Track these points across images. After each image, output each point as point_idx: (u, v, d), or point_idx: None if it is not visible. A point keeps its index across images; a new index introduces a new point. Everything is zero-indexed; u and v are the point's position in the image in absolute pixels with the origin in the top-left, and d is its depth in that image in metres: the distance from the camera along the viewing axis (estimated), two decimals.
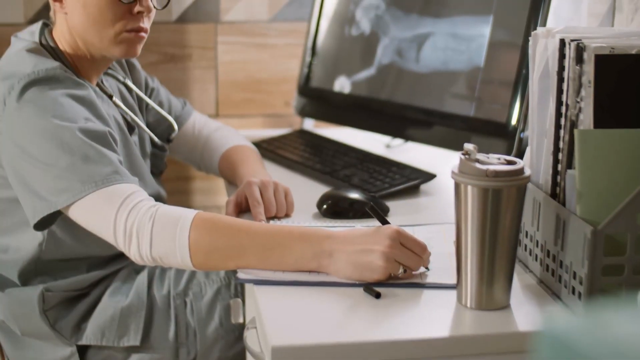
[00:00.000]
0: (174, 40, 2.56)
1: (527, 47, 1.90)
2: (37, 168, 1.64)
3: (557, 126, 1.48)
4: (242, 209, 1.84)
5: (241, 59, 2.60)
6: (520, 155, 1.94)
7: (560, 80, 1.46)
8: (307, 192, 1.95)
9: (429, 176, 2.00)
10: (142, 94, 2.01)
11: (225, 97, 2.61)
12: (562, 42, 1.45)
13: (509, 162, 1.39)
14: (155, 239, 1.57)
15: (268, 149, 2.25)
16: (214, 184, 2.58)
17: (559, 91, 1.47)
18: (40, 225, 1.67)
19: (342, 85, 2.34)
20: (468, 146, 1.38)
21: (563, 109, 1.46)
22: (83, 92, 1.70)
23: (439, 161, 2.17)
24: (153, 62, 2.55)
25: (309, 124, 2.49)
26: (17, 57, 1.75)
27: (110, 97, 1.87)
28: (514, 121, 1.94)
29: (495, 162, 1.39)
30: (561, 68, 1.46)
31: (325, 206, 1.82)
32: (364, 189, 1.92)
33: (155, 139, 2.00)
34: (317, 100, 2.41)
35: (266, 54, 2.61)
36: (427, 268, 1.53)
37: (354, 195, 1.83)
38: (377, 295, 1.45)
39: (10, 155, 1.68)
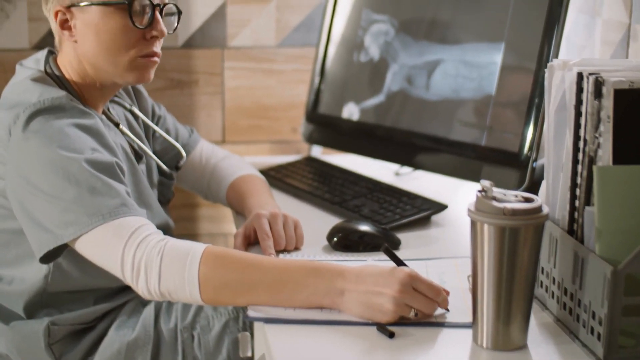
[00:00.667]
0: (181, 66, 2.53)
1: (540, 75, 1.89)
2: (43, 200, 1.61)
3: (575, 161, 1.45)
4: (251, 241, 1.81)
5: (248, 84, 2.57)
6: (533, 184, 1.92)
7: (578, 114, 1.43)
8: (316, 223, 1.92)
9: (440, 207, 1.97)
10: (149, 121, 1.99)
11: (232, 123, 2.59)
12: (580, 76, 1.42)
13: (527, 200, 1.36)
14: (164, 273, 1.54)
15: (276, 177, 2.22)
16: (221, 211, 2.55)
17: (577, 125, 1.44)
18: (46, 259, 1.64)
19: (351, 112, 2.31)
20: (485, 183, 1.35)
21: (581, 143, 1.43)
22: (89, 121, 1.68)
23: (448, 190, 2.14)
24: (159, 88, 2.53)
25: (317, 151, 2.46)
26: (22, 85, 1.72)
27: (117, 125, 1.85)
28: (526, 151, 1.91)
29: (512, 199, 1.35)
30: (579, 102, 1.43)
31: (335, 239, 1.79)
32: (374, 221, 1.89)
33: (164, 166, 1.97)
34: (325, 127, 2.38)
35: (273, 79, 2.58)
36: (447, 309, 1.49)
37: (365, 227, 1.80)
38: (391, 335, 1.42)
39: (15, 187, 1.66)
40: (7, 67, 1.81)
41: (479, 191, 1.36)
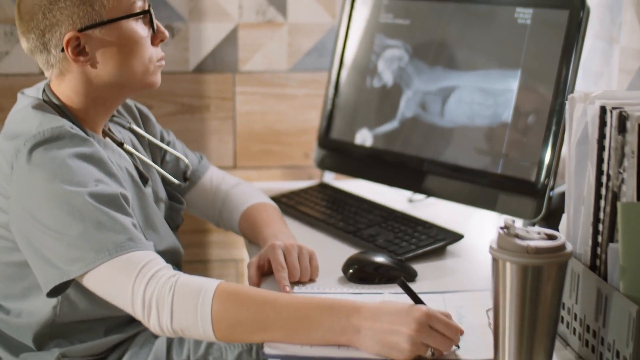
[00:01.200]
0: (191, 91, 2.52)
1: (557, 103, 1.87)
2: (49, 236, 1.59)
3: (597, 196, 1.42)
4: (265, 271, 1.79)
5: (260, 109, 2.55)
6: (550, 214, 1.89)
7: (601, 148, 1.41)
8: (331, 252, 1.90)
9: (456, 237, 1.94)
10: (156, 141, 1.97)
11: (243, 148, 2.56)
12: (603, 110, 1.40)
13: (549, 237, 1.34)
14: (176, 311, 1.52)
15: (288, 204, 2.20)
16: (231, 237, 2.53)
17: (599, 160, 1.41)
18: (53, 293, 1.62)
19: (364, 137, 2.29)
20: (507, 220, 1.32)
21: (604, 178, 1.40)
22: (91, 149, 1.65)
23: (463, 218, 2.12)
24: (170, 113, 2.51)
25: (329, 176, 2.43)
26: (22, 114, 1.70)
27: (121, 144, 1.83)
28: (543, 179, 1.89)
29: (535, 236, 1.33)
30: (602, 136, 1.40)
31: (351, 271, 1.76)
32: (389, 251, 1.87)
33: (172, 178, 1.95)
34: (338, 152, 2.35)
35: (285, 104, 2.56)
36: (457, 346, 1.47)
37: (380, 259, 1.77)
38: None
39: (20, 221, 1.63)
40: (16, 92, 1.79)
41: (501, 228, 1.33)
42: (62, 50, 1.68)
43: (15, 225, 1.65)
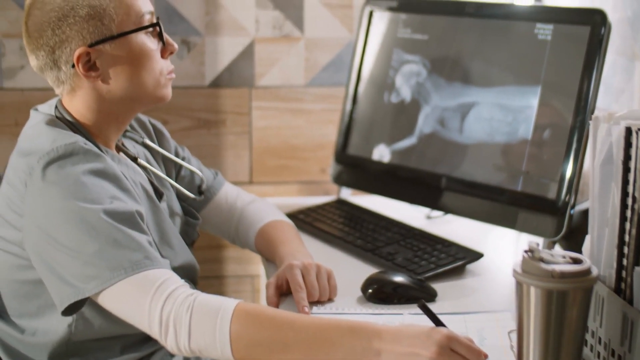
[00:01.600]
0: (208, 106, 2.50)
1: (578, 120, 1.85)
2: (64, 253, 1.57)
3: (622, 218, 1.39)
4: (283, 291, 1.77)
5: (276, 124, 2.54)
6: (571, 232, 1.87)
7: (626, 169, 1.38)
8: (349, 271, 1.88)
9: (476, 255, 1.92)
10: (170, 155, 1.96)
11: (259, 163, 2.55)
12: (629, 130, 1.37)
13: (575, 261, 1.31)
14: (194, 331, 1.50)
15: (305, 221, 2.18)
16: (247, 252, 2.50)
17: (625, 181, 1.39)
18: (68, 311, 1.60)
19: (381, 153, 2.26)
20: (532, 244, 1.30)
21: (629, 200, 1.38)
22: (105, 165, 1.64)
23: (482, 236, 2.11)
24: (186, 128, 2.49)
25: (346, 192, 2.41)
26: (35, 131, 1.69)
27: (135, 159, 1.82)
28: (564, 197, 1.86)
29: (560, 260, 1.31)
30: (627, 157, 1.38)
31: (370, 291, 1.74)
32: (409, 270, 1.85)
33: (186, 192, 1.94)
34: (355, 168, 2.33)
35: (302, 119, 2.54)
36: None
37: (399, 278, 1.75)
38: None
39: (34, 239, 1.62)
40: (31, 106, 1.78)
41: (526, 251, 1.31)
42: (73, 66, 1.67)
43: (29, 243, 1.63)
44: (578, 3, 2.24)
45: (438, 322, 1.49)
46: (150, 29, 1.72)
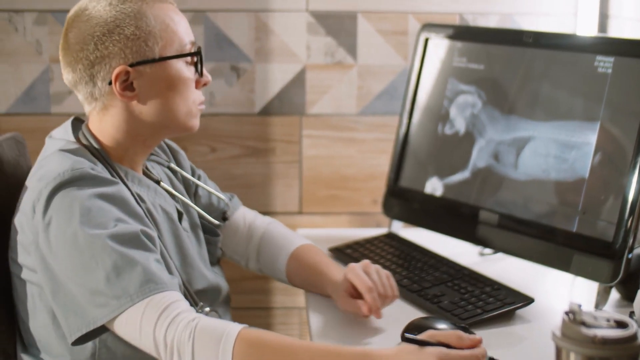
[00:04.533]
0: (257, 133, 2.45)
1: (638, 159, 1.74)
2: (71, 284, 1.56)
3: None
4: (355, 297, 1.77)
5: (327, 153, 2.47)
6: (628, 277, 1.77)
7: None
8: (391, 311, 1.80)
9: (526, 300, 1.82)
10: (189, 176, 1.94)
11: (309, 193, 2.49)
12: None
13: (619, 324, 1.22)
14: (198, 357, 1.49)
15: (352, 256, 2.10)
16: None
17: None
18: (78, 342, 1.59)
19: (434, 187, 2.18)
20: (573, 305, 1.21)
21: None
22: (112, 189, 1.62)
23: (535, 277, 2.03)
24: (234, 156, 2.44)
25: (398, 225, 2.33)
26: (50, 157, 1.67)
27: (158, 182, 1.80)
28: (621, 240, 1.77)
29: (603, 324, 1.21)
30: None
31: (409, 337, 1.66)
32: (454, 315, 1.77)
33: (210, 218, 1.92)
34: (407, 201, 2.25)
35: (354, 149, 2.47)
36: None
37: (442, 326, 1.66)
38: None
39: (41, 269, 1.61)
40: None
41: (566, 313, 1.22)
42: (110, 83, 1.65)
43: (38, 272, 1.63)
44: None
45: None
46: (188, 58, 1.71)
